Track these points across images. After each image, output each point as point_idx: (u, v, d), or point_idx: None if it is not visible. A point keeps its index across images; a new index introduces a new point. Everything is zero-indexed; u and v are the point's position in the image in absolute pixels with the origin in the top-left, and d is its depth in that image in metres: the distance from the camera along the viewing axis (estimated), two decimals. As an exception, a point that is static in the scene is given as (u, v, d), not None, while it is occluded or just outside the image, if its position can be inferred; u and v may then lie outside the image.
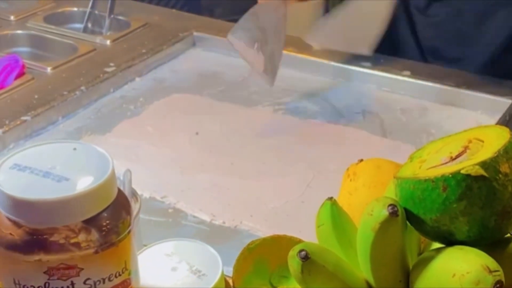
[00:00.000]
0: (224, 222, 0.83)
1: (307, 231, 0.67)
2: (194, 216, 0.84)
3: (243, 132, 1.00)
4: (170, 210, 0.85)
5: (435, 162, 0.49)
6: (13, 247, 0.44)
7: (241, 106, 1.06)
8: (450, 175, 0.46)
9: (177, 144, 0.97)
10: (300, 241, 0.60)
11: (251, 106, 1.06)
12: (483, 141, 0.49)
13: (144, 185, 0.87)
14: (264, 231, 0.81)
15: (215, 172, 0.91)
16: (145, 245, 0.57)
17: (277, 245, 0.59)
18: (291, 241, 0.59)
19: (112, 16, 1.23)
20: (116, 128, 1.00)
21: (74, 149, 0.47)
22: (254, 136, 0.99)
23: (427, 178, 0.47)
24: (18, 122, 0.97)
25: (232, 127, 1.01)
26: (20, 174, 0.45)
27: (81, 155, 0.47)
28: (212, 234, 0.81)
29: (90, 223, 0.45)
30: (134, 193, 0.64)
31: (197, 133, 0.99)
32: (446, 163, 0.48)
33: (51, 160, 0.46)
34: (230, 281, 0.60)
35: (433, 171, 0.48)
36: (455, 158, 0.48)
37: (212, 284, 0.53)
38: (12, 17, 1.25)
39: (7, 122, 0.97)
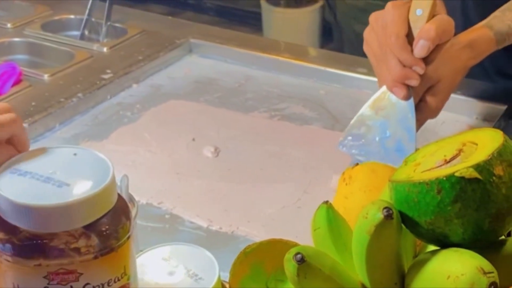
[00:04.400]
0: (221, 228, 0.83)
1: (304, 236, 0.67)
2: (191, 222, 0.84)
3: (240, 138, 1.00)
4: (167, 216, 0.85)
5: (430, 165, 0.50)
6: (13, 252, 0.45)
7: (237, 112, 1.06)
8: (445, 178, 0.47)
9: (174, 150, 0.97)
10: (296, 245, 0.60)
11: (247, 112, 1.06)
12: (477, 144, 0.50)
13: (141, 191, 0.88)
14: (261, 237, 0.81)
15: (212, 178, 0.92)
16: (141, 251, 0.58)
17: (273, 249, 0.60)
18: (287, 245, 0.60)
19: (109, 23, 1.24)
20: (113, 135, 1.01)
21: (75, 154, 0.48)
22: (250, 142, 0.99)
23: (421, 181, 0.48)
24: (16, 129, 0.98)
25: (228, 133, 1.01)
26: (21, 179, 0.46)
27: (82, 161, 0.47)
28: (209, 239, 0.81)
29: (90, 228, 0.45)
30: (131, 199, 0.64)
31: (193, 139, 0.99)
32: (441, 166, 0.49)
33: (51, 165, 0.46)
34: (227, 286, 0.60)
35: (427, 174, 0.49)
36: (449, 161, 0.49)
37: (210, 288, 0.53)
38: (9, 25, 1.25)
39: (4, 129, 0.97)
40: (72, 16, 1.29)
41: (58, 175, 0.46)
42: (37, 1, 1.33)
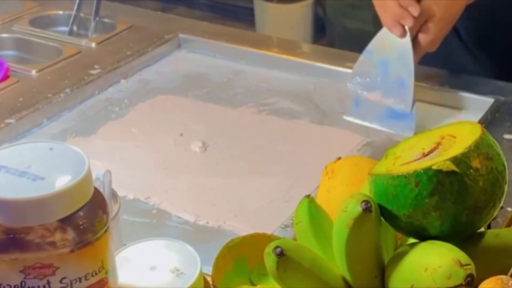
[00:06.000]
0: (208, 222, 0.83)
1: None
2: (178, 217, 0.84)
3: (228, 132, 1.00)
4: (154, 211, 0.85)
5: (408, 158, 0.50)
6: (-11, 246, 0.45)
7: (226, 107, 1.06)
8: (422, 171, 0.47)
9: (162, 146, 0.97)
10: (278, 239, 0.60)
11: (235, 107, 1.06)
12: (455, 137, 0.50)
13: (128, 186, 0.88)
14: (247, 231, 0.80)
15: (200, 172, 0.92)
16: (124, 245, 0.58)
17: (257, 243, 0.60)
18: (270, 239, 0.60)
19: (97, 18, 1.24)
20: (101, 130, 1.01)
21: (51, 148, 0.48)
22: (238, 136, 0.99)
23: (399, 174, 0.48)
24: (3, 125, 0.97)
25: (216, 128, 1.01)
26: (-4, 174, 0.45)
27: (57, 155, 0.47)
28: (196, 234, 0.81)
29: (66, 222, 0.45)
30: (114, 194, 0.64)
31: (181, 134, 0.99)
32: (419, 159, 0.49)
33: (27, 159, 0.46)
34: (211, 280, 0.60)
35: (405, 167, 0.49)
36: (427, 154, 0.49)
37: (191, 283, 0.53)
38: (-3, 21, 1.25)
39: (-9, 124, 0.97)
40: (60, 12, 1.28)
41: (34, 169, 0.45)
42: (25, -3, 1.33)
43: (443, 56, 1.09)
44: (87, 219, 0.46)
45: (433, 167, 0.47)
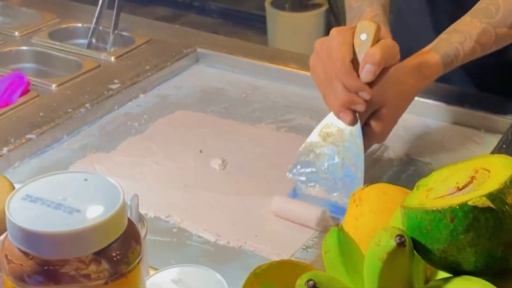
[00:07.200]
0: (228, 242, 0.83)
1: (312, 251, 0.67)
2: (199, 236, 0.84)
3: (247, 150, 1.00)
4: (174, 230, 0.85)
5: (442, 191, 0.50)
6: (24, 278, 0.45)
7: (244, 123, 1.06)
8: (458, 207, 0.47)
9: (181, 162, 0.97)
10: (306, 266, 0.60)
11: (254, 123, 1.06)
12: (489, 171, 0.50)
13: (148, 204, 0.88)
14: (268, 252, 0.81)
15: (220, 190, 0.92)
16: (151, 267, 0.58)
17: (283, 270, 0.60)
18: (297, 266, 0.60)
19: (116, 32, 1.24)
20: (120, 146, 1.01)
21: (85, 179, 0.48)
22: (258, 154, 0.99)
23: (434, 209, 0.48)
24: (23, 140, 0.98)
25: (236, 145, 1.01)
26: (32, 205, 0.46)
27: (92, 186, 0.47)
28: (216, 254, 0.81)
29: (101, 254, 0.45)
30: (141, 218, 0.64)
31: (201, 151, 0.99)
32: (453, 193, 0.49)
33: (62, 191, 0.46)
34: (237, 306, 0.60)
35: (440, 202, 0.49)
36: (461, 189, 0.49)
37: (220, 311, 0.53)
38: (16, 33, 1.25)
39: (12, 140, 0.97)
40: (79, 25, 1.29)
41: (69, 201, 0.46)
42: (44, 9, 1.33)
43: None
44: (121, 250, 0.46)
45: (469, 203, 0.46)
